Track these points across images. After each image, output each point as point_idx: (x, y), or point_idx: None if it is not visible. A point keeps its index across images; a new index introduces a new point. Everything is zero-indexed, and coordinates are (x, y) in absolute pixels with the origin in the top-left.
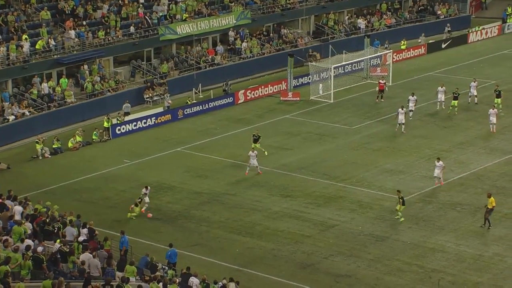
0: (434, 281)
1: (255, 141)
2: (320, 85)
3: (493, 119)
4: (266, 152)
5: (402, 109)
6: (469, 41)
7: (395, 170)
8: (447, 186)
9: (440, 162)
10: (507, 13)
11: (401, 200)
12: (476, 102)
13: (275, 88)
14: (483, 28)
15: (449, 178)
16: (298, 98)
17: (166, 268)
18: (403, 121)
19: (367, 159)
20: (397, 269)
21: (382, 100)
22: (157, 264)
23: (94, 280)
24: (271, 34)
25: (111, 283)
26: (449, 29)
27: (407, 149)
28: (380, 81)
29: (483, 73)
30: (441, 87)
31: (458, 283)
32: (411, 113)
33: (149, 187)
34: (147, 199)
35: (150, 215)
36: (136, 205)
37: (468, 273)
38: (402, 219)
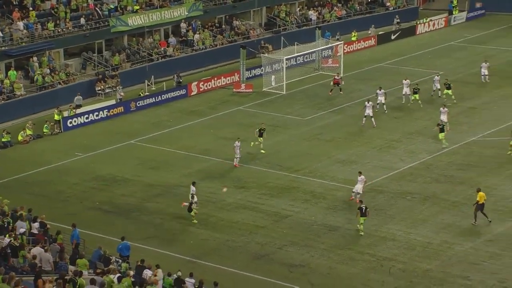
0: (386, 269)
1: (261, 135)
2: (273, 76)
3: (444, 118)
4: (263, 151)
5: (369, 103)
6: (418, 33)
7: (347, 161)
8: (397, 176)
9: (362, 176)
10: (453, 5)
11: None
12: (439, 95)
13: (228, 80)
14: (431, 20)
15: (400, 167)
16: (251, 90)
17: (120, 261)
18: (371, 114)
19: (319, 150)
20: (349, 258)
21: (341, 92)
22: (111, 257)
23: (46, 274)
24: (223, 26)
25: (65, 277)
26: (398, 20)
27: (359, 140)
28: (336, 76)
29: (431, 64)
30: (405, 80)
31: (409, 270)
32: (384, 106)
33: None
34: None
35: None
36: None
37: (418, 260)
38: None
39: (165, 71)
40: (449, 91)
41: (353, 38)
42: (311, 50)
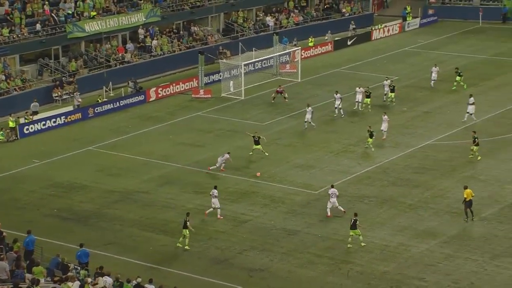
0: (344, 272)
1: (256, 143)
2: (231, 82)
3: (384, 127)
4: (266, 153)
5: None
6: (373, 38)
7: (306, 165)
8: (355, 180)
9: (333, 189)
10: (406, 11)
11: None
12: (386, 99)
13: (187, 86)
14: (385, 26)
15: (357, 171)
16: (209, 95)
17: (78, 268)
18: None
19: (278, 155)
20: (308, 262)
21: (286, 100)
22: (69, 265)
23: (2, 283)
24: (181, 32)
25: (20, 285)
26: (354, 26)
27: (317, 144)
28: (278, 89)
29: (386, 69)
30: (359, 88)
31: (366, 273)
32: (341, 111)
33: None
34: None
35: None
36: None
37: (376, 263)
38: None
39: (123, 77)
40: (392, 94)
41: (310, 44)
42: (269, 56)
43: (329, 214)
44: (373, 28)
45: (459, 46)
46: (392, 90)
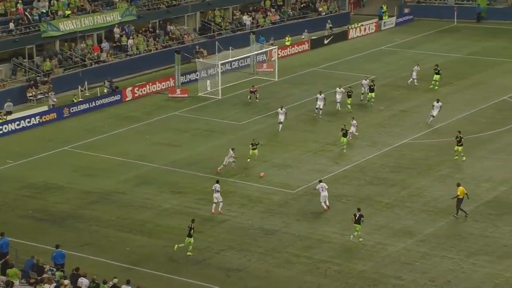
0: (321, 271)
1: (253, 147)
2: (208, 81)
3: (353, 130)
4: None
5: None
6: (349, 37)
7: (283, 164)
8: (332, 179)
9: (322, 184)
10: (382, 10)
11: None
12: (364, 98)
13: (163, 85)
14: (362, 25)
15: (334, 171)
16: (186, 95)
17: (54, 270)
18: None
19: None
20: (286, 261)
21: (257, 100)
22: (44, 266)
23: None
24: (158, 31)
25: None
26: (331, 25)
27: (294, 143)
28: (251, 89)
29: (362, 68)
30: (339, 88)
31: (344, 272)
32: (320, 112)
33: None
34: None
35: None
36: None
37: (353, 262)
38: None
39: (99, 77)
40: (372, 94)
41: (287, 43)
42: (245, 55)
43: (325, 207)
44: (350, 27)
45: (435, 45)
46: (372, 90)
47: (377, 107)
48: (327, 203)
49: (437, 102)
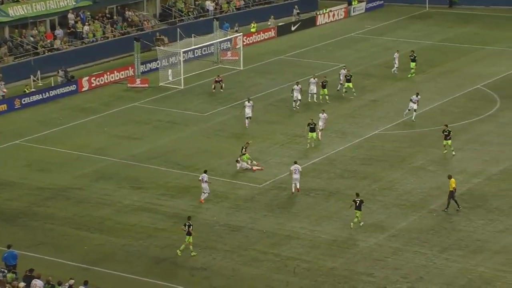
0: (290, 269)
1: (244, 150)
2: (170, 70)
3: (322, 125)
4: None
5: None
6: (318, 24)
7: (249, 157)
8: (301, 172)
9: (296, 165)
10: None
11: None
12: (341, 89)
13: (122, 75)
14: (330, 11)
15: (303, 163)
16: (146, 85)
17: (5, 271)
18: (299, 97)
19: (220, 147)
20: (253, 259)
21: (221, 90)
22: None
23: None
24: (115, 17)
25: None
26: (298, 11)
27: (261, 135)
28: (216, 78)
29: (331, 56)
30: (313, 79)
31: (313, 269)
32: (298, 103)
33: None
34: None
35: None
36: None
37: (323, 258)
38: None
39: (53, 66)
40: (350, 84)
41: (253, 30)
42: (209, 43)
43: (293, 190)
44: (318, 13)
45: (406, 32)
46: (349, 80)
47: (347, 96)
48: (298, 186)
49: (416, 96)
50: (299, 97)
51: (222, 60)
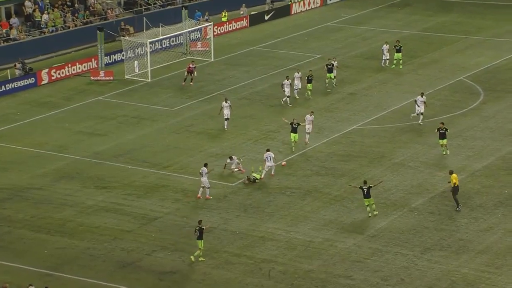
0: (265, 272)
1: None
2: (136, 62)
3: (309, 127)
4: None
5: (227, 102)
6: (292, 13)
7: (221, 154)
8: (276, 169)
9: (269, 153)
10: None
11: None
12: (335, 84)
13: (84, 67)
14: None
15: (278, 160)
16: (111, 77)
17: None
18: (228, 116)
19: (190, 143)
20: (225, 262)
21: (191, 83)
22: None
23: None
24: (76, 5)
25: None
26: None
27: (233, 131)
28: (190, 64)
29: (307, 46)
30: (298, 73)
31: (289, 272)
32: (288, 100)
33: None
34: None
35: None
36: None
37: (299, 261)
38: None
39: (9, 57)
40: (332, 74)
41: (224, 19)
42: (177, 33)
43: (261, 177)
44: (292, 1)
45: (385, 21)
46: (330, 71)
47: (324, 90)
48: (273, 172)
49: (422, 96)
50: (289, 93)
51: (192, 51)
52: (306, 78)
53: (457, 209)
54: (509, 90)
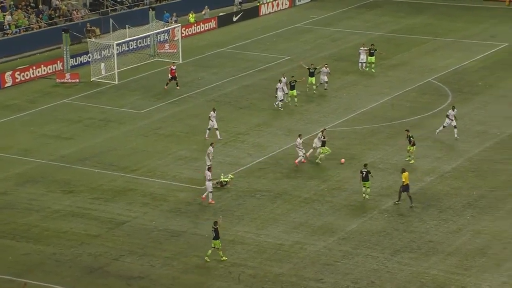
0: (234, 276)
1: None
2: (102, 64)
3: (317, 141)
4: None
5: (215, 112)
6: (261, 14)
7: (190, 157)
8: (245, 172)
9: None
10: None
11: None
12: (325, 88)
13: (50, 69)
14: (275, 0)
15: (247, 163)
16: (77, 80)
17: None
18: (215, 126)
19: (158, 146)
20: (195, 266)
21: (178, 87)
22: None
23: None
24: (41, 6)
25: None
26: (240, 0)
27: (202, 133)
28: (172, 67)
29: (276, 48)
30: (284, 78)
31: (259, 276)
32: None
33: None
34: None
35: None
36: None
37: (269, 264)
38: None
39: None
40: (313, 79)
41: (191, 20)
42: (145, 34)
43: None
44: (261, 2)
45: (354, 22)
46: (312, 75)
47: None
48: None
49: (453, 110)
50: (281, 97)
51: (160, 53)
52: (289, 83)
53: (397, 203)
54: (477, 92)
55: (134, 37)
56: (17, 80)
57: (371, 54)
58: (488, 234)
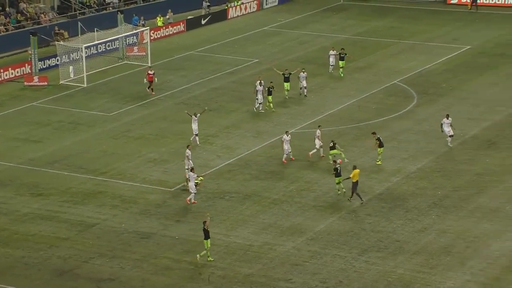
0: (205, 277)
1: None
2: (71, 67)
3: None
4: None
5: (196, 116)
6: (229, 17)
7: (160, 159)
8: (214, 174)
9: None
10: None
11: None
12: (305, 94)
13: (17, 72)
14: (242, 3)
15: (217, 165)
16: (45, 83)
17: None
18: (196, 132)
19: (128, 149)
20: (165, 268)
21: (153, 93)
22: None
23: None
24: (8, 9)
25: None
26: (208, 4)
27: (171, 136)
28: (149, 71)
29: (244, 51)
30: (260, 86)
31: (229, 276)
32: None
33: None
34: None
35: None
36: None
37: (239, 265)
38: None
39: None
40: (288, 84)
41: (159, 23)
42: (113, 37)
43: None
44: (229, 6)
45: (321, 25)
46: (287, 80)
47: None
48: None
49: (447, 119)
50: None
51: (128, 56)
52: (267, 89)
53: (349, 199)
54: (441, 94)
55: (103, 40)
56: None
57: (341, 59)
58: (453, 233)
